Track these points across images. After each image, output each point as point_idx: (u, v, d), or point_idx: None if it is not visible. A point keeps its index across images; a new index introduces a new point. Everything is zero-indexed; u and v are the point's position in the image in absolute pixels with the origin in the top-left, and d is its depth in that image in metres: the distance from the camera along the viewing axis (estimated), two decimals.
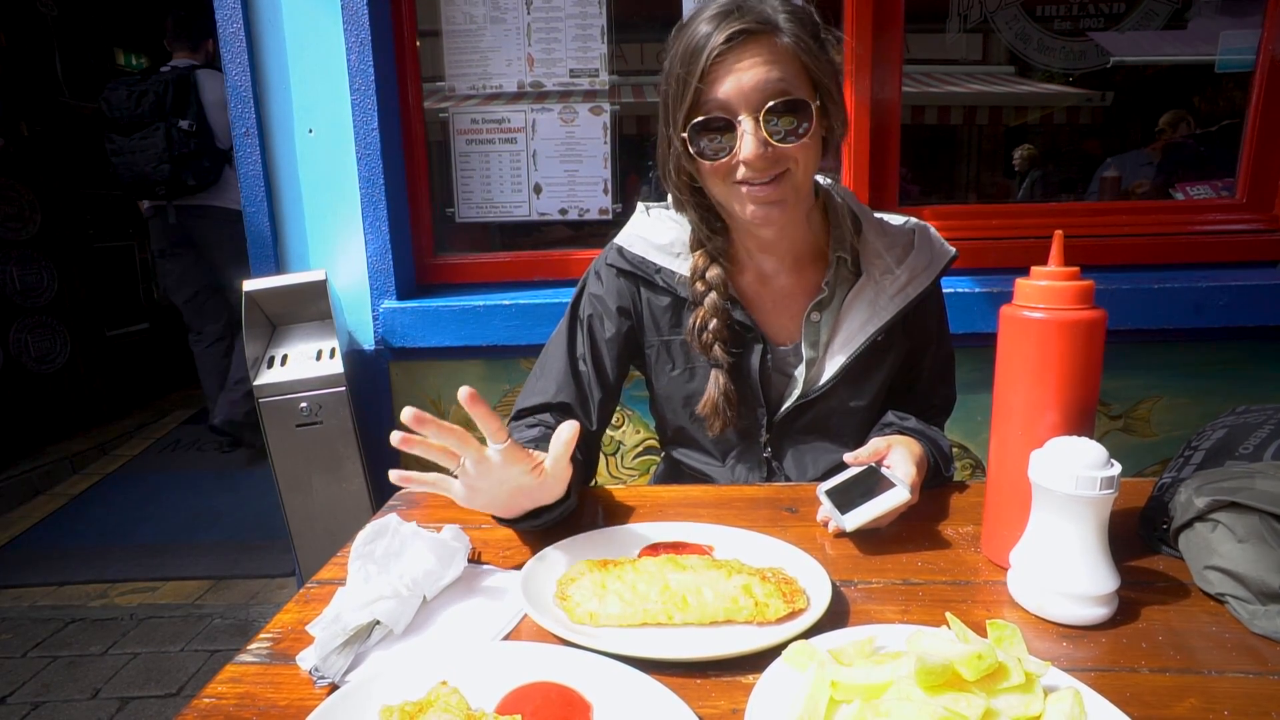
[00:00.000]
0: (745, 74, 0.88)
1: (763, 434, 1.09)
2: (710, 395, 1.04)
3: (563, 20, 1.99)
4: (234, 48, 1.84)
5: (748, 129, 0.89)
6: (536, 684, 0.58)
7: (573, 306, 1.14)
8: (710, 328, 1.02)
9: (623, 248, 1.09)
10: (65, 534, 3.15)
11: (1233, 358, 1.88)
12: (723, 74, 0.89)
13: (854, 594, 0.73)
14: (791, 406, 1.06)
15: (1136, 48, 2.15)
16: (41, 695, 2.06)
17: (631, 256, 1.08)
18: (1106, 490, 0.64)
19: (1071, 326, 0.70)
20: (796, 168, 0.92)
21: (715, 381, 1.04)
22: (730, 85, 0.89)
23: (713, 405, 1.04)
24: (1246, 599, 0.66)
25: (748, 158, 0.90)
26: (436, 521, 0.85)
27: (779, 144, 0.90)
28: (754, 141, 0.89)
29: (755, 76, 0.88)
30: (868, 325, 1.03)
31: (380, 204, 1.89)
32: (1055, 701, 0.50)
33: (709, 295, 1.02)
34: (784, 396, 1.07)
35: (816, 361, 1.05)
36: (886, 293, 1.03)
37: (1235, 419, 0.86)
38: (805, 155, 0.92)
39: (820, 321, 1.05)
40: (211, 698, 0.59)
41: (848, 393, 1.06)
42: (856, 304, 1.04)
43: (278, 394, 1.81)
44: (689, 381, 1.09)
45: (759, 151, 0.89)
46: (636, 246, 1.09)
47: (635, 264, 1.08)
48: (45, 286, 4.10)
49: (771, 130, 0.89)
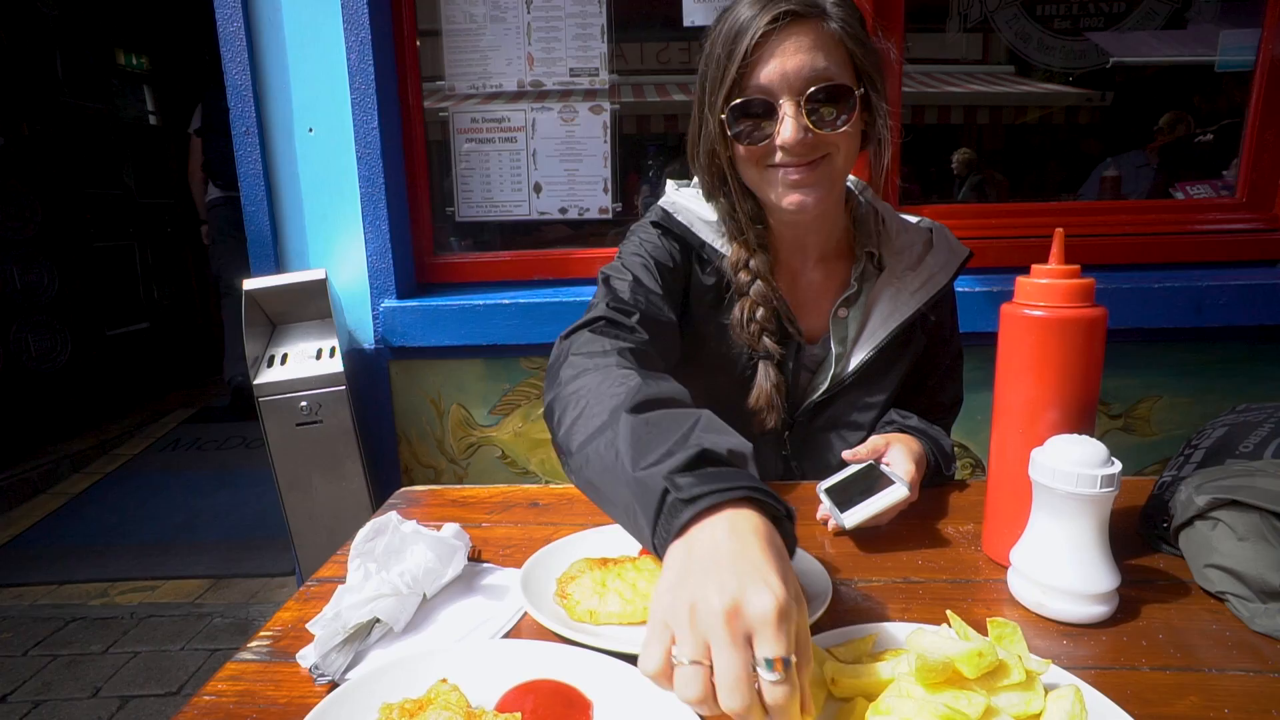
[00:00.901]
0: (789, 58, 0.86)
1: (782, 430, 1.08)
2: (762, 389, 1.00)
3: (563, 19, 1.99)
4: (234, 46, 1.84)
5: (789, 113, 0.87)
6: (536, 682, 0.58)
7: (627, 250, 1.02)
8: (759, 317, 0.98)
9: (669, 212, 1.03)
10: (66, 533, 3.15)
11: (1233, 357, 1.88)
12: (766, 56, 0.87)
13: (854, 592, 0.73)
14: (814, 403, 1.05)
15: (1136, 47, 2.15)
16: (42, 694, 2.06)
17: (678, 224, 1.02)
18: (1107, 488, 0.63)
19: (1072, 324, 0.70)
20: (836, 154, 0.91)
21: (766, 374, 1.00)
22: (773, 68, 0.86)
23: (766, 399, 1.00)
24: (1247, 597, 0.66)
25: (786, 142, 0.87)
26: (436, 520, 0.85)
27: (820, 130, 0.88)
28: (794, 126, 0.87)
29: (799, 60, 0.86)
30: (889, 321, 1.02)
31: (380, 203, 1.89)
32: (1056, 699, 0.50)
33: (755, 284, 0.98)
34: (806, 393, 1.06)
35: (843, 357, 1.04)
36: (908, 289, 1.03)
37: (1235, 417, 0.86)
38: (846, 144, 0.91)
39: (848, 318, 1.04)
40: (212, 695, 0.59)
41: (866, 389, 1.05)
42: (880, 300, 1.03)
43: (277, 393, 1.80)
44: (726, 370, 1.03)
45: (799, 136, 0.87)
46: (682, 215, 1.02)
47: (682, 231, 1.02)
48: (45, 286, 4.10)
49: (813, 116, 0.87)
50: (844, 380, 1.03)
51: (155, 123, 5.35)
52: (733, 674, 0.43)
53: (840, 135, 0.89)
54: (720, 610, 0.45)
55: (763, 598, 0.45)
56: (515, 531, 0.90)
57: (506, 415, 2.01)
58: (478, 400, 2.00)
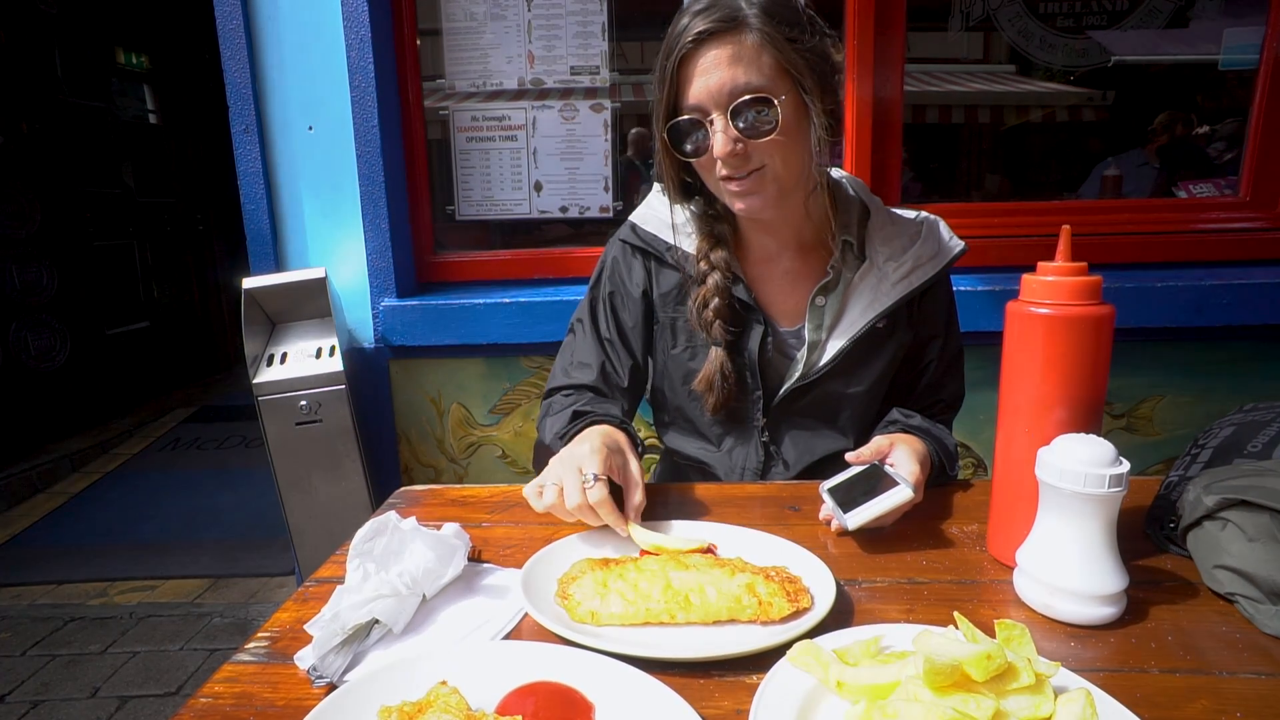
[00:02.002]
0: (711, 74, 0.90)
1: (759, 417, 1.09)
2: (707, 371, 1.05)
3: (563, 17, 1.99)
4: (234, 44, 1.83)
5: (719, 127, 0.92)
6: (537, 684, 0.57)
7: (594, 284, 1.16)
8: (711, 306, 1.03)
9: (636, 225, 1.12)
10: (65, 532, 3.14)
11: (1236, 356, 1.87)
12: (693, 74, 0.92)
13: (858, 593, 0.72)
14: (790, 389, 1.06)
15: (1139, 46, 2.15)
16: (40, 694, 2.05)
17: (644, 234, 1.11)
18: (1115, 488, 0.63)
19: (1079, 321, 0.69)
20: (772, 162, 0.94)
21: (713, 358, 1.05)
22: (699, 86, 0.91)
23: (708, 381, 1.05)
24: (1257, 598, 0.65)
25: (720, 154, 0.92)
26: (437, 519, 0.84)
27: (751, 139, 0.91)
28: (725, 139, 0.91)
29: (720, 77, 0.90)
30: (869, 310, 1.03)
31: (380, 201, 1.88)
32: (1066, 702, 0.49)
33: (712, 275, 1.04)
34: (784, 379, 1.08)
35: (819, 345, 1.05)
36: (889, 280, 1.04)
37: (1243, 416, 0.85)
38: (780, 150, 0.93)
39: (825, 305, 1.05)
40: (208, 697, 0.58)
41: (847, 378, 1.06)
42: (859, 289, 1.04)
43: (277, 392, 1.80)
44: (690, 360, 1.10)
45: (730, 148, 0.91)
46: (650, 224, 1.11)
47: (647, 241, 1.10)
48: (45, 285, 4.09)
49: (741, 127, 0.91)
50: (820, 368, 1.05)
51: (155, 121, 5.34)
52: (571, 484, 0.80)
53: (771, 143, 0.92)
54: (565, 457, 0.85)
55: (583, 448, 0.85)
56: (516, 531, 0.89)
57: (507, 414, 2.00)
58: (478, 399, 1.99)
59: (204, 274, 5.73)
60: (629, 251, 1.13)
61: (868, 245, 1.06)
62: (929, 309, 1.09)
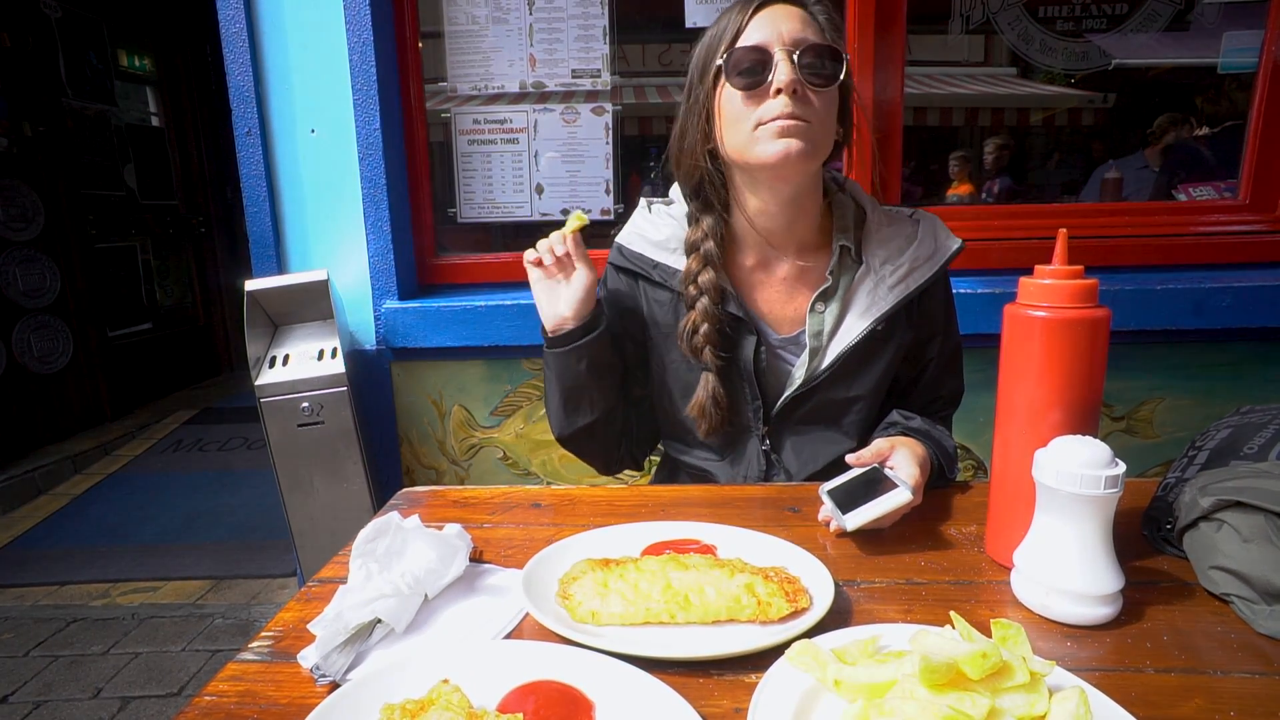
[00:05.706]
0: (782, 22, 0.94)
1: (759, 427, 1.09)
2: (699, 399, 1.05)
3: (565, 21, 1.99)
4: (236, 47, 1.84)
5: (781, 59, 0.92)
6: (538, 683, 0.57)
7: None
8: (701, 332, 1.03)
9: (622, 245, 1.13)
10: (67, 534, 3.15)
11: (1235, 359, 1.87)
12: (763, 22, 0.94)
13: (857, 594, 0.73)
14: (790, 397, 1.06)
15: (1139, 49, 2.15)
16: (43, 695, 2.06)
17: (629, 253, 1.12)
18: (1111, 489, 0.63)
19: (1076, 324, 0.70)
20: (817, 118, 0.94)
21: (704, 384, 1.05)
22: (769, 28, 0.94)
23: (700, 408, 1.05)
24: (1252, 599, 0.66)
25: (782, 83, 0.92)
26: (438, 520, 0.85)
27: (811, 83, 0.93)
28: (789, 69, 0.92)
29: (791, 25, 0.94)
30: (867, 315, 1.03)
31: (382, 204, 1.89)
32: (1060, 701, 0.50)
33: (701, 300, 1.03)
34: (783, 386, 1.07)
35: (819, 351, 1.05)
36: (886, 283, 1.04)
37: (1239, 419, 0.85)
38: (826, 112, 0.95)
39: (825, 312, 1.05)
40: (213, 695, 0.59)
41: (846, 383, 1.06)
42: (857, 293, 1.04)
43: (279, 394, 1.80)
44: (688, 372, 1.09)
45: (794, 77, 0.92)
46: (635, 244, 1.12)
47: (632, 260, 1.11)
48: (48, 287, 4.10)
49: (805, 70, 0.93)
50: (820, 374, 1.05)
51: (158, 124, 5.36)
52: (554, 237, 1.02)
53: (824, 98, 0.94)
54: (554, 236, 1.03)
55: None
56: (517, 532, 0.90)
57: (508, 416, 2.00)
58: (479, 401, 2.00)
59: (206, 276, 5.74)
60: (615, 272, 1.15)
61: (864, 248, 1.05)
62: (928, 308, 1.09)
